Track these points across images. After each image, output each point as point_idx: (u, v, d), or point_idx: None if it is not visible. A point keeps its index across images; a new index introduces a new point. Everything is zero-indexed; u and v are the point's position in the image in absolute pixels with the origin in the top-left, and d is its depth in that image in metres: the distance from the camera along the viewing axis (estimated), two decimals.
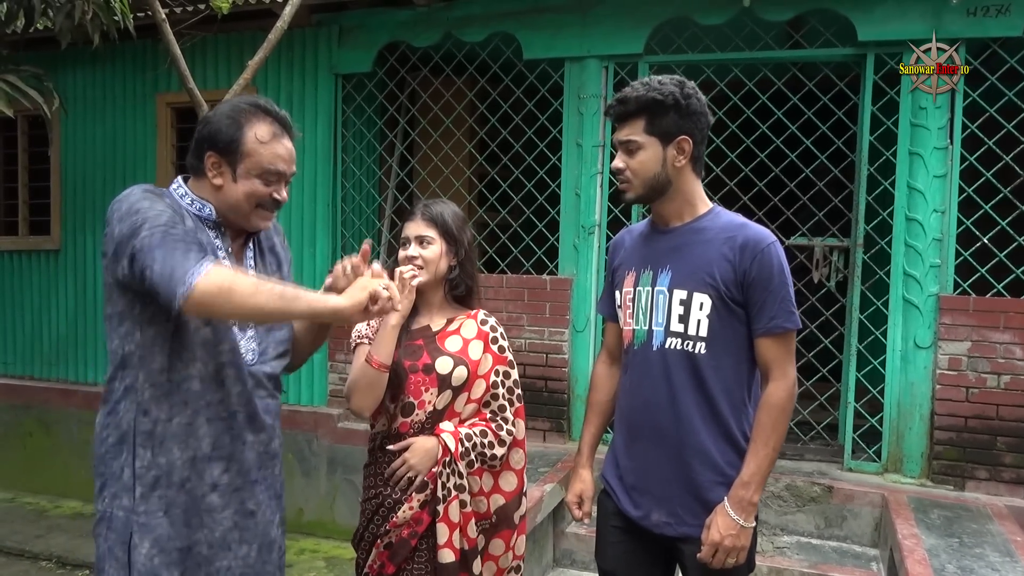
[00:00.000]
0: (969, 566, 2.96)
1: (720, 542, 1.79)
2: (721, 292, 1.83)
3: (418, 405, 2.08)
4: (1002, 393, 3.82)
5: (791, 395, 1.82)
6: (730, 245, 1.83)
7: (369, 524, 2.12)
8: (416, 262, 2.09)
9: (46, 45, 5.35)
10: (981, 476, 3.87)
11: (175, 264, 1.51)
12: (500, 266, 4.99)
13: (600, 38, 4.45)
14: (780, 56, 4.33)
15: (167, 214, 1.61)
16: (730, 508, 1.80)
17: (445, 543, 2.04)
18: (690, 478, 1.87)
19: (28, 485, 5.86)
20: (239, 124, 1.70)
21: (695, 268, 1.85)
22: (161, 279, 1.51)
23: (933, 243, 3.93)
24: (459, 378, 2.08)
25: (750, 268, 1.80)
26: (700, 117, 1.87)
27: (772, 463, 1.82)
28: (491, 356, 2.16)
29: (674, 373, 1.88)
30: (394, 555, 2.08)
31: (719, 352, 1.85)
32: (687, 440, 1.87)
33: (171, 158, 5.49)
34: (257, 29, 4.92)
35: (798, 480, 3.98)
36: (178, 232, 1.58)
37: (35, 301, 5.98)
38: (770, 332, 1.82)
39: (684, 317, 1.86)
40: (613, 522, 2.04)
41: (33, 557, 4.77)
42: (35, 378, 6.01)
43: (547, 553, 3.87)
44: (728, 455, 1.86)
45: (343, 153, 5.13)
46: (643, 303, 1.94)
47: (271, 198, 1.75)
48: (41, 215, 5.98)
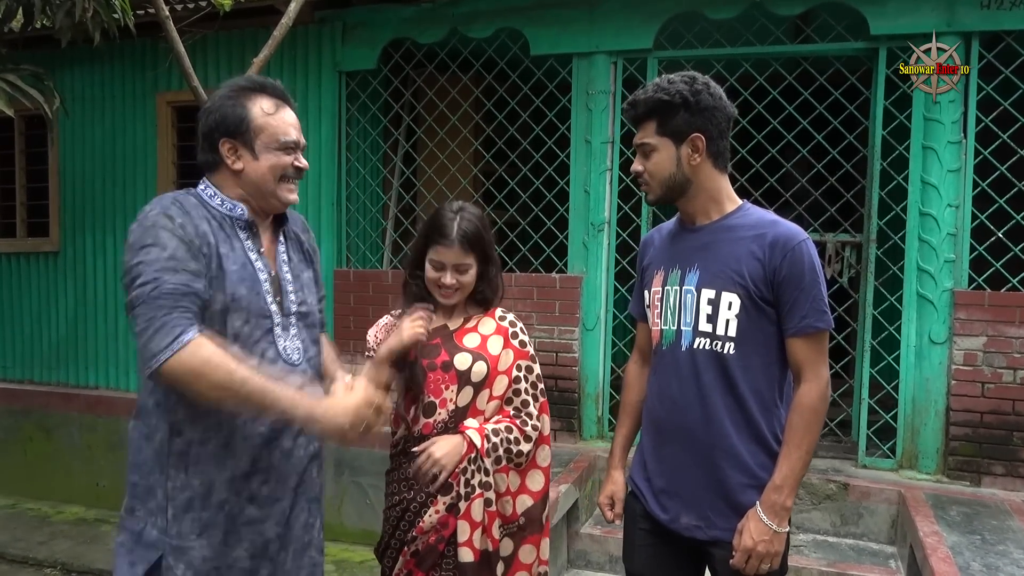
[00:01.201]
0: (994, 563, 2.93)
1: (753, 548, 1.74)
2: (751, 291, 1.78)
3: (440, 404, 2.04)
4: (1018, 388, 3.80)
5: (824, 397, 1.77)
6: (759, 243, 1.78)
7: (395, 532, 2.08)
8: (454, 287, 2.06)
9: (45, 44, 5.26)
10: (997, 472, 3.85)
11: (151, 336, 1.52)
12: (509, 264, 4.94)
13: (608, 33, 4.41)
14: (790, 51, 4.30)
15: (168, 251, 1.56)
16: (763, 513, 1.75)
17: (465, 541, 2.00)
18: (720, 480, 1.83)
19: (29, 491, 5.77)
20: (242, 103, 1.69)
21: (723, 267, 1.81)
22: (139, 343, 1.54)
23: (947, 238, 3.90)
24: (479, 373, 2.05)
25: (780, 266, 1.76)
26: (714, 112, 1.82)
27: (805, 466, 1.78)
28: (512, 351, 2.12)
29: (703, 374, 1.84)
30: (421, 562, 2.04)
31: (748, 352, 1.81)
32: (717, 442, 1.83)
33: (172, 157, 5.42)
34: (259, 26, 4.86)
35: (813, 477, 3.95)
36: (172, 284, 1.54)
37: (34, 304, 5.90)
38: (801, 332, 1.77)
39: (712, 317, 1.82)
40: (641, 525, 2.00)
41: (37, 564, 4.70)
42: (35, 382, 5.93)
43: (562, 554, 3.83)
44: (759, 457, 1.81)
45: (347, 151, 5.07)
46: (671, 303, 1.90)
47: (293, 167, 1.74)
48: (39, 216, 5.89)
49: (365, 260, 5.22)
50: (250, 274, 1.69)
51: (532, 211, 4.79)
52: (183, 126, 5.40)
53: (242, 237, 1.73)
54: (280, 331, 1.74)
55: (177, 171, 5.44)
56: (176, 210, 1.63)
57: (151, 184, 5.43)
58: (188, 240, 1.59)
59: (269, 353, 1.70)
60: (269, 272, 1.75)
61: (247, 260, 1.71)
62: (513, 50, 4.68)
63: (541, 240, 4.75)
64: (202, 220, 1.66)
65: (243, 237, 1.73)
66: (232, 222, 1.72)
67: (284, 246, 1.85)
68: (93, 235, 5.65)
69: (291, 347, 1.76)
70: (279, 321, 1.73)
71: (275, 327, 1.72)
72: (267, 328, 1.71)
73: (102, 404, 5.52)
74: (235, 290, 1.65)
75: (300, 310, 1.81)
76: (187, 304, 1.55)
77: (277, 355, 1.71)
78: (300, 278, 1.84)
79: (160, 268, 1.54)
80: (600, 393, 4.56)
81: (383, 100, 5.16)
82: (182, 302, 1.54)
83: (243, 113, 1.68)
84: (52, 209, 5.79)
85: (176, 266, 1.56)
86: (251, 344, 1.67)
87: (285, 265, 1.81)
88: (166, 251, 1.56)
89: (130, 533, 1.69)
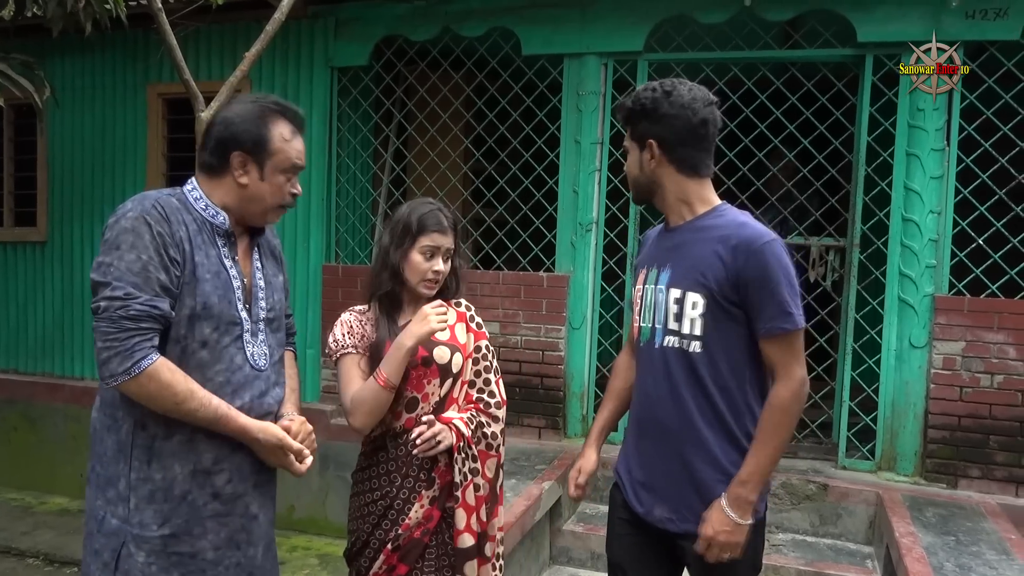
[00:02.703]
0: (967, 564, 2.99)
1: (713, 537, 1.79)
2: (714, 292, 1.81)
3: (422, 399, 2.08)
4: (995, 393, 3.87)
5: (796, 396, 1.79)
6: (724, 245, 1.81)
7: (375, 530, 2.08)
8: (440, 275, 2.12)
9: (36, 33, 5.25)
10: (974, 474, 3.92)
11: (110, 356, 1.60)
12: (496, 263, 4.97)
13: (600, 35, 4.44)
14: (779, 56, 4.35)
15: (142, 261, 1.61)
16: (726, 504, 1.79)
17: (464, 527, 2.05)
18: (692, 475, 1.87)
19: (13, 481, 5.76)
20: (266, 124, 1.76)
21: (690, 267, 1.86)
22: (97, 356, 1.62)
23: (929, 244, 3.96)
24: (457, 364, 2.11)
25: (744, 268, 1.78)
26: (671, 119, 1.87)
27: (773, 463, 1.81)
28: (472, 335, 2.20)
29: (673, 371, 1.89)
30: (405, 556, 2.05)
31: (715, 352, 1.84)
32: (688, 437, 1.88)
33: (162, 149, 5.41)
34: (252, 20, 4.86)
35: (793, 478, 4.00)
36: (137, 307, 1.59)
37: (20, 294, 5.88)
38: (768, 334, 1.79)
39: (679, 316, 1.87)
40: (621, 515, 2.06)
41: (20, 554, 4.70)
42: (20, 372, 5.91)
43: (544, 550, 3.86)
44: (731, 454, 1.85)
45: (338, 147, 5.08)
46: (648, 301, 1.98)
47: (290, 195, 1.83)
48: (27, 206, 5.86)
49: (354, 256, 5.24)
50: (223, 282, 1.74)
51: (521, 210, 4.82)
52: (174, 118, 5.39)
53: (219, 244, 1.78)
54: (249, 337, 1.79)
55: (167, 163, 5.43)
56: (156, 215, 1.65)
57: (140, 175, 5.42)
58: (163, 249, 1.63)
59: (237, 359, 1.75)
60: (242, 280, 1.81)
61: (222, 268, 1.75)
62: (505, 49, 4.70)
63: (529, 239, 4.78)
64: (180, 225, 1.69)
65: (220, 244, 1.78)
66: (212, 228, 1.77)
67: (258, 253, 1.91)
68: (81, 226, 5.63)
69: (258, 352, 1.81)
70: (248, 327, 1.79)
71: (244, 333, 1.78)
72: (236, 335, 1.76)
73: (87, 395, 5.51)
74: (207, 299, 1.70)
75: (268, 316, 1.86)
76: (148, 326, 1.61)
77: (245, 360, 1.77)
78: (272, 284, 1.91)
79: (131, 281, 1.59)
80: (585, 392, 4.60)
81: (374, 96, 5.17)
82: (144, 324, 1.60)
83: (264, 134, 1.75)
84: (40, 199, 5.77)
85: (147, 278, 1.61)
86: (219, 350, 1.73)
87: (259, 272, 1.87)
88: (139, 260, 1.61)
89: (93, 521, 1.74)
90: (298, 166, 1.82)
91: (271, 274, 1.92)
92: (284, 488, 2.95)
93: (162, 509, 1.69)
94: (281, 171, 1.79)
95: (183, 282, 1.67)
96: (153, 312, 1.61)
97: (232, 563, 1.78)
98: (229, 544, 1.77)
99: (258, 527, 1.84)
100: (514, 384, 4.58)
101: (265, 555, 1.88)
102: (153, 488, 1.69)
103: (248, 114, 1.76)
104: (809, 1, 4.07)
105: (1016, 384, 3.83)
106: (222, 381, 1.73)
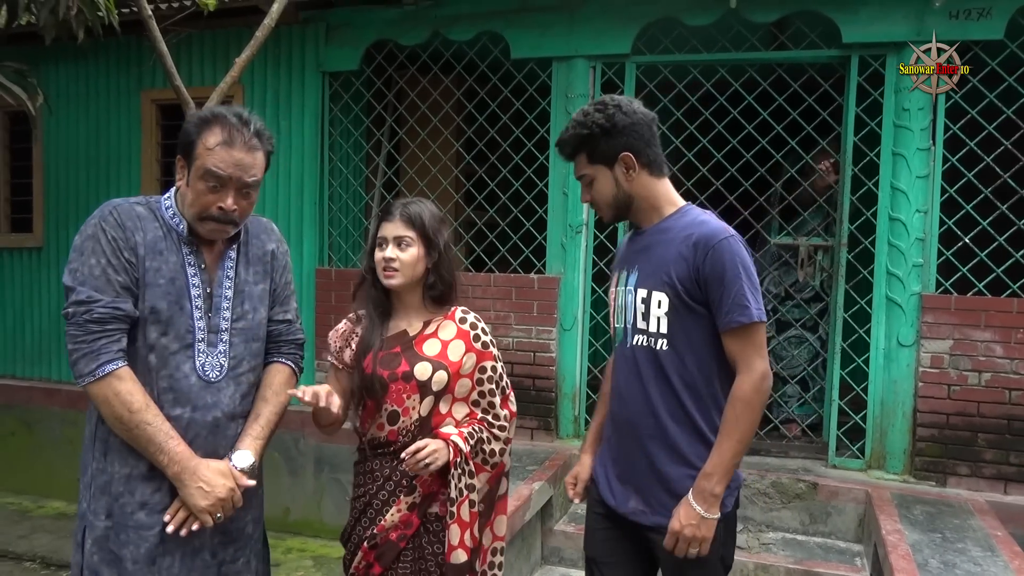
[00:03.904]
0: (952, 560, 3.00)
1: (680, 531, 1.82)
2: (678, 290, 1.86)
3: (403, 412, 2.05)
4: (983, 390, 3.88)
5: (757, 389, 1.81)
6: (686, 243, 1.86)
7: (356, 525, 2.12)
8: (393, 264, 2.05)
9: (29, 40, 5.29)
10: (962, 472, 3.93)
11: (78, 357, 1.70)
12: (488, 265, 5.00)
13: (587, 38, 4.47)
14: (765, 57, 4.37)
15: (101, 265, 1.71)
16: (693, 498, 1.83)
17: (458, 543, 2.04)
18: (660, 470, 1.92)
19: (10, 485, 5.80)
20: (200, 129, 1.77)
21: (656, 268, 1.91)
22: (69, 357, 1.73)
23: (916, 243, 3.98)
24: (440, 382, 2.05)
25: (703, 265, 1.83)
26: (634, 127, 1.91)
27: (737, 455, 1.84)
28: (475, 354, 2.13)
29: (642, 369, 1.94)
30: (381, 556, 2.07)
31: (681, 349, 1.89)
32: (656, 433, 1.93)
33: (156, 155, 5.44)
34: (243, 26, 4.90)
35: (783, 477, 4.02)
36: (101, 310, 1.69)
37: (17, 299, 5.92)
38: (727, 327, 1.83)
39: (646, 315, 1.92)
40: (597, 510, 2.10)
41: (17, 558, 4.73)
42: (17, 377, 5.94)
43: (535, 551, 3.88)
44: (697, 448, 1.89)
45: (330, 151, 5.11)
46: (620, 302, 2.03)
47: (217, 208, 1.77)
48: (23, 212, 5.91)
49: (347, 259, 5.27)
50: (177, 289, 1.78)
51: (511, 212, 4.85)
52: (167, 124, 5.43)
53: (184, 252, 1.81)
54: (204, 347, 1.81)
55: (161, 168, 5.47)
56: (111, 222, 1.74)
57: (135, 181, 5.46)
58: (119, 252, 1.73)
59: (184, 367, 1.78)
60: (204, 288, 1.82)
61: (179, 275, 1.79)
62: (494, 53, 4.74)
63: (520, 241, 4.81)
64: (137, 231, 1.75)
65: (185, 252, 1.81)
66: (177, 235, 1.81)
67: (233, 261, 1.90)
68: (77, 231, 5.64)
69: (212, 363, 1.82)
70: (203, 337, 1.80)
71: (197, 342, 1.80)
72: (187, 343, 1.78)
73: (83, 399, 5.43)
74: (155, 303, 1.75)
75: (237, 326, 1.87)
76: (114, 327, 1.71)
77: (192, 370, 1.79)
78: (245, 292, 1.90)
79: (93, 285, 1.70)
80: (577, 392, 4.62)
81: (366, 101, 5.20)
82: (110, 326, 1.70)
83: (194, 139, 1.77)
84: (36, 205, 5.81)
85: (108, 280, 1.71)
86: (167, 355, 1.77)
87: (228, 281, 1.87)
88: (99, 265, 1.71)
89: (79, 506, 1.85)
90: (215, 174, 1.74)
91: (248, 282, 1.91)
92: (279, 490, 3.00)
93: (107, 503, 1.77)
94: (199, 177, 1.75)
95: (139, 285, 1.75)
96: (116, 313, 1.70)
97: None
98: (147, 560, 1.76)
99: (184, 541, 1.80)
100: None
101: (184, 564, 1.82)
102: (106, 480, 1.78)
103: (193, 118, 1.80)
104: (794, 3, 4.09)
105: (1003, 382, 3.85)
106: (165, 387, 1.77)
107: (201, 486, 1.74)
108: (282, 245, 2.05)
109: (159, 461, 1.72)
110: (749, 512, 4.01)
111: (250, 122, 1.79)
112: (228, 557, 1.91)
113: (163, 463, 1.72)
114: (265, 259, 1.97)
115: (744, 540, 3.82)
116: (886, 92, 4.02)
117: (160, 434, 1.71)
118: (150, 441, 1.70)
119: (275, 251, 2.01)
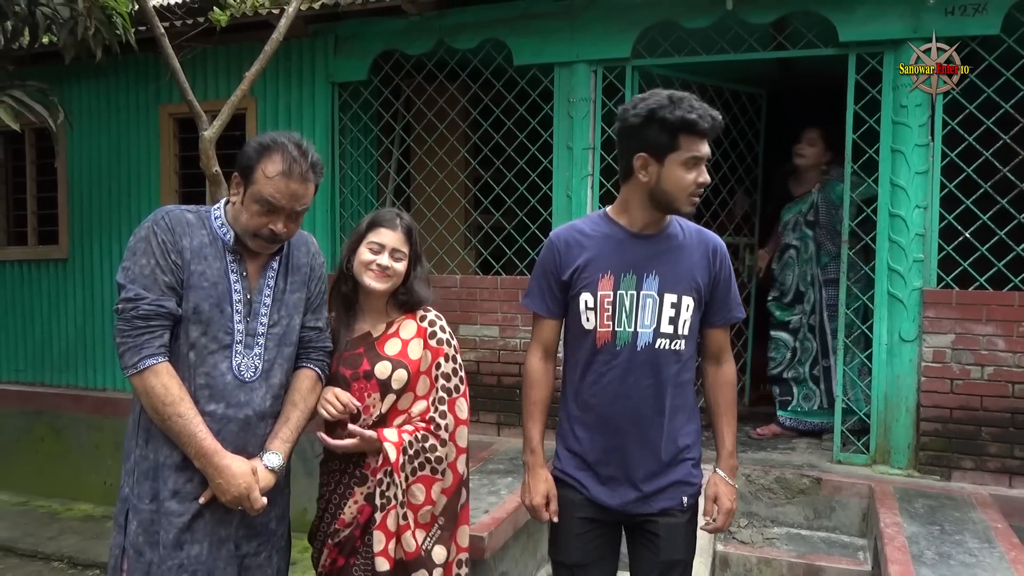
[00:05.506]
0: (947, 552, 3.03)
1: (731, 508, 2.11)
2: (701, 293, 2.06)
3: (363, 411, 2.13)
4: (986, 384, 3.89)
5: (735, 373, 2.22)
6: (705, 250, 2.09)
7: (320, 522, 2.20)
8: (387, 272, 2.13)
9: (50, 60, 5.49)
10: (967, 466, 3.94)
11: (124, 350, 1.83)
12: (495, 268, 5.09)
13: (588, 43, 4.55)
14: (763, 57, 4.42)
15: (150, 266, 1.84)
16: (728, 477, 2.09)
17: (381, 551, 2.06)
18: (672, 460, 2.08)
19: (40, 489, 6.00)
20: (260, 155, 1.89)
21: (682, 273, 2.05)
22: (117, 349, 1.85)
23: (916, 238, 4.00)
24: (400, 380, 2.12)
25: (720, 270, 2.09)
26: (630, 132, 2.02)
27: None
28: (430, 352, 2.17)
29: (663, 370, 2.04)
30: (342, 548, 2.15)
31: (691, 347, 2.11)
32: (661, 427, 2.05)
33: (174, 167, 5.61)
34: (256, 40, 5.03)
35: (788, 473, 4.06)
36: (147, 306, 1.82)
37: (44, 309, 6.12)
38: (728, 322, 2.14)
39: (675, 319, 2.04)
40: (581, 514, 2.10)
41: (46, 558, 4.90)
42: (46, 384, 6.15)
43: (541, 547, 3.95)
44: (691, 433, 2.13)
45: (340, 160, 5.24)
46: (627, 306, 2.03)
47: (268, 230, 1.91)
48: (49, 225, 6.12)
49: None
50: (220, 292, 1.90)
51: (517, 215, 4.94)
52: (184, 137, 5.60)
53: (227, 258, 1.94)
54: (242, 348, 1.93)
55: (179, 180, 5.64)
56: (163, 225, 1.88)
57: (155, 192, 5.63)
58: (167, 254, 1.86)
59: (222, 366, 1.90)
60: (245, 294, 1.94)
61: (221, 280, 1.91)
62: (498, 60, 4.83)
63: (526, 244, 4.89)
64: (185, 236, 1.88)
65: (229, 260, 1.94)
66: (223, 243, 1.94)
67: (275, 272, 2.02)
68: (100, 242, 5.86)
69: (248, 364, 1.95)
70: (240, 339, 1.93)
71: (235, 344, 1.92)
72: (226, 344, 1.91)
73: (109, 405, 5.72)
74: (198, 303, 1.88)
75: (274, 331, 1.99)
76: (157, 324, 1.83)
77: (229, 369, 1.91)
78: (282, 301, 2.02)
79: (142, 283, 1.83)
80: None
81: (374, 110, 5.32)
82: (153, 322, 1.83)
83: (253, 164, 1.89)
84: (61, 218, 6.01)
85: (155, 279, 1.84)
86: (205, 354, 1.89)
87: (267, 289, 2.00)
88: (148, 265, 1.84)
89: (121, 489, 1.96)
90: (270, 203, 1.87)
91: (286, 291, 2.02)
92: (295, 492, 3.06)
93: (154, 487, 1.89)
94: (255, 200, 1.88)
95: (183, 286, 1.87)
96: (160, 310, 1.83)
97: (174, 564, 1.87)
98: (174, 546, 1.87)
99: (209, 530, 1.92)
100: (513, 386, 4.68)
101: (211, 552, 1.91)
102: (148, 467, 1.90)
103: (254, 142, 1.92)
104: (790, 3, 4.14)
105: (1006, 375, 3.86)
106: (202, 383, 1.89)
107: (220, 482, 1.87)
108: (319, 257, 2.17)
109: (188, 452, 1.86)
110: (754, 507, 4.06)
111: (308, 153, 1.91)
112: (251, 550, 2.01)
113: (191, 455, 1.85)
114: (304, 270, 2.08)
115: (748, 535, 3.86)
116: (884, 89, 4.05)
117: (190, 426, 1.83)
118: (180, 432, 1.83)
119: (313, 263, 2.12)
